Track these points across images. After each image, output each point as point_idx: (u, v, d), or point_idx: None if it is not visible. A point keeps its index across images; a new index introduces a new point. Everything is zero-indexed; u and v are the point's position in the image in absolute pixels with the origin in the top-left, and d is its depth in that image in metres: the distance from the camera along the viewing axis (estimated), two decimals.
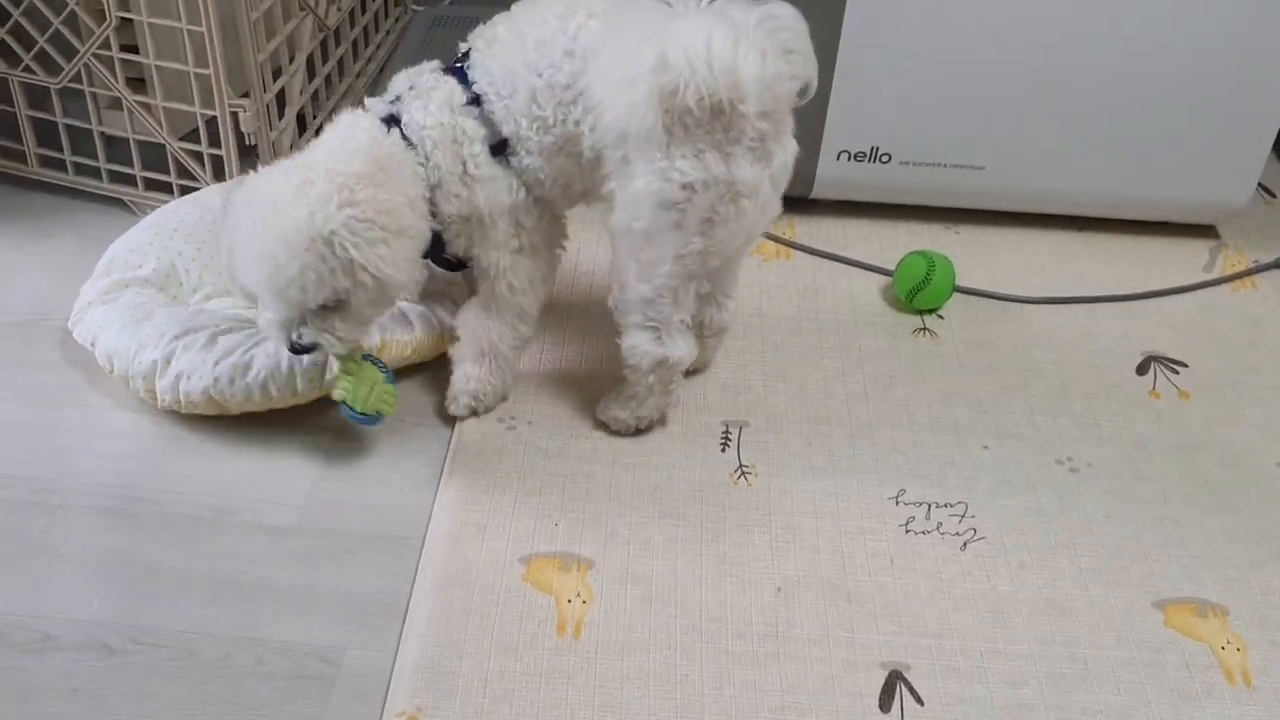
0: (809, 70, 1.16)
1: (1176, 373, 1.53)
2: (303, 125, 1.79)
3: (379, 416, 1.33)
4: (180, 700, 1.11)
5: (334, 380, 1.31)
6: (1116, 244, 1.76)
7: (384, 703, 1.11)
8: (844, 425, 1.42)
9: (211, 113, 1.59)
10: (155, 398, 1.36)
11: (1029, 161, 1.69)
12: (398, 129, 1.24)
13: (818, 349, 1.53)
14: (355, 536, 1.27)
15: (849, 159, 1.69)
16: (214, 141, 1.62)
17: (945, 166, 1.70)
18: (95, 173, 1.71)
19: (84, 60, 1.59)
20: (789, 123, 1.21)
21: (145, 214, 1.59)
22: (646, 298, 1.27)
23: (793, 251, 1.71)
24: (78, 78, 1.62)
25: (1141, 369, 1.53)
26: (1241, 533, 1.31)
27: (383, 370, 1.33)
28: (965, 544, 1.28)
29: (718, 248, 1.23)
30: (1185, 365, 1.54)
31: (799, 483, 1.34)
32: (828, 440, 1.40)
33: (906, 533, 1.29)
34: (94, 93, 1.64)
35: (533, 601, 1.19)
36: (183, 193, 1.64)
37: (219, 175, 1.65)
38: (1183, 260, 1.73)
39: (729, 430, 1.40)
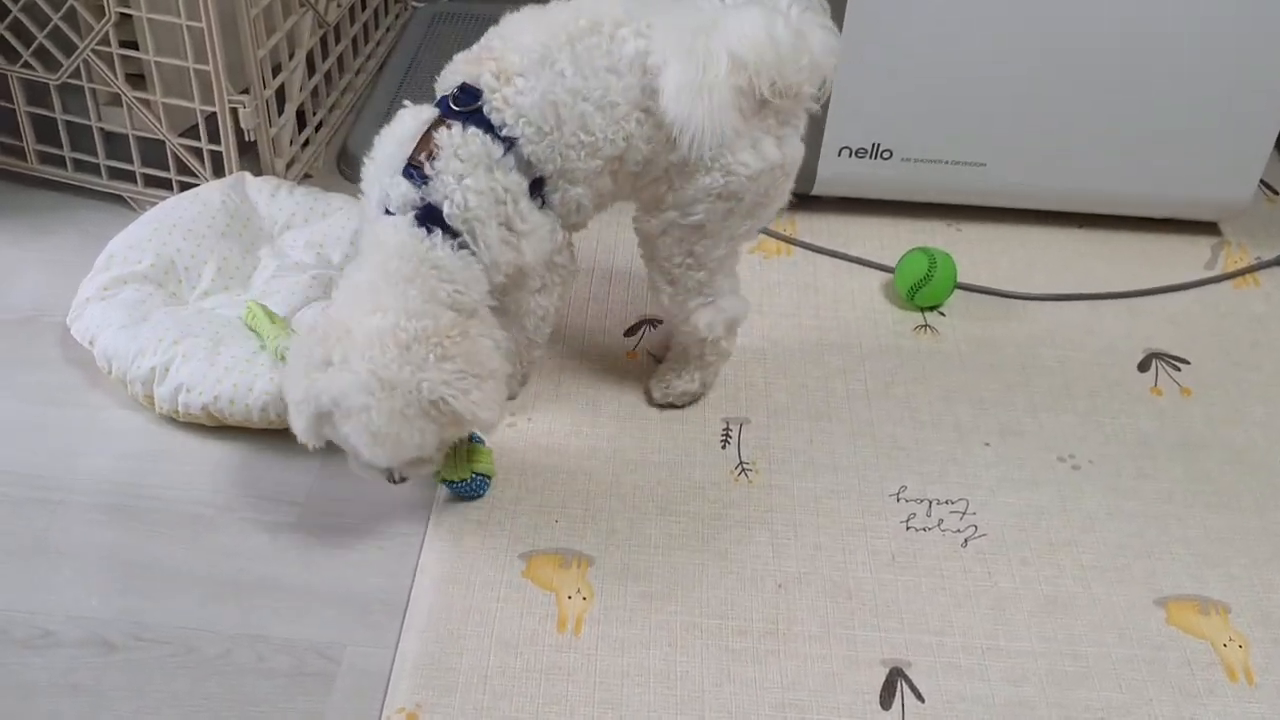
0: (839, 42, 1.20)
1: (1178, 370, 1.52)
2: (302, 121, 1.78)
3: (485, 479, 1.29)
4: (181, 697, 1.11)
5: None
6: (1118, 241, 1.75)
7: (384, 699, 1.11)
8: (845, 422, 1.42)
9: (211, 109, 1.59)
10: (153, 403, 1.36)
11: (1031, 158, 1.69)
12: (439, 230, 1.14)
13: (819, 346, 1.52)
14: (356, 533, 1.27)
15: (850, 155, 1.69)
16: (214, 138, 1.62)
17: (947, 163, 1.69)
18: (95, 169, 1.70)
19: (83, 56, 1.59)
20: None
21: (145, 210, 1.59)
22: (703, 280, 1.30)
23: (794, 248, 1.70)
24: (77, 74, 1.62)
25: (1143, 366, 1.53)
26: (1244, 530, 1.31)
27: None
28: (966, 541, 1.28)
29: (764, 221, 1.29)
30: (1187, 362, 1.54)
31: (800, 480, 1.34)
32: (829, 437, 1.39)
33: (907, 529, 1.29)
34: (93, 89, 1.63)
35: (533, 598, 1.19)
36: (182, 189, 1.64)
37: (218, 171, 1.65)
38: (1185, 257, 1.73)
39: (730, 427, 1.40)
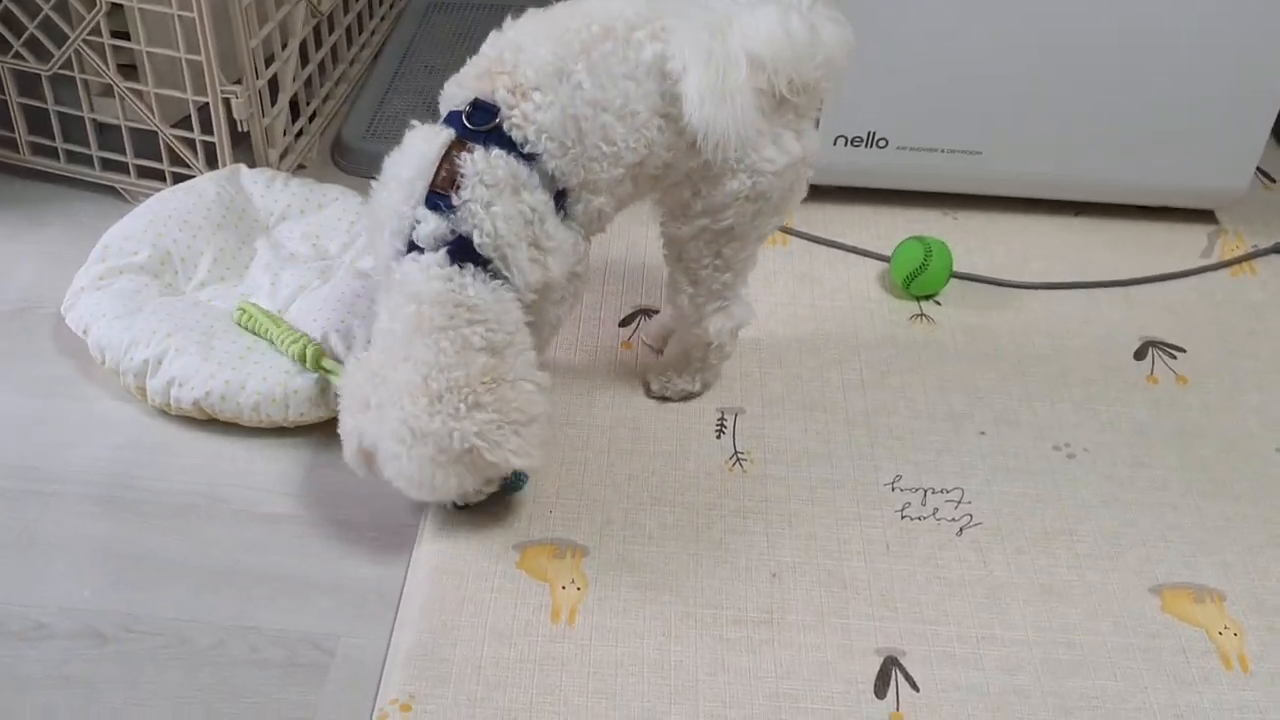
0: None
1: (1174, 358, 1.52)
2: (295, 112, 1.78)
3: (522, 477, 1.25)
4: (173, 688, 1.10)
5: None
6: (1114, 229, 1.75)
7: (378, 690, 1.10)
8: (840, 412, 1.41)
9: (204, 99, 1.58)
10: (145, 395, 1.36)
11: (1027, 146, 1.68)
12: (471, 264, 1.10)
13: (814, 336, 1.52)
14: (349, 524, 1.26)
15: (845, 144, 1.69)
16: (206, 128, 1.61)
17: (942, 151, 1.69)
18: (88, 160, 1.70)
19: (74, 46, 1.58)
20: None
21: (138, 202, 1.59)
22: (727, 283, 1.29)
23: (789, 238, 1.70)
24: (68, 64, 1.61)
25: (1139, 354, 1.53)
26: (1239, 518, 1.31)
27: None
28: (961, 530, 1.28)
29: (787, 216, 1.29)
30: (1183, 350, 1.53)
31: (795, 469, 1.33)
32: (824, 427, 1.39)
33: (902, 519, 1.28)
34: (85, 80, 1.63)
35: (527, 588, 1.19)
36: (175, 180, 1.64)
37: (211, 163, 1.64)
38: (1181, 245, 1.73)
39: (724, 417, 1.40)
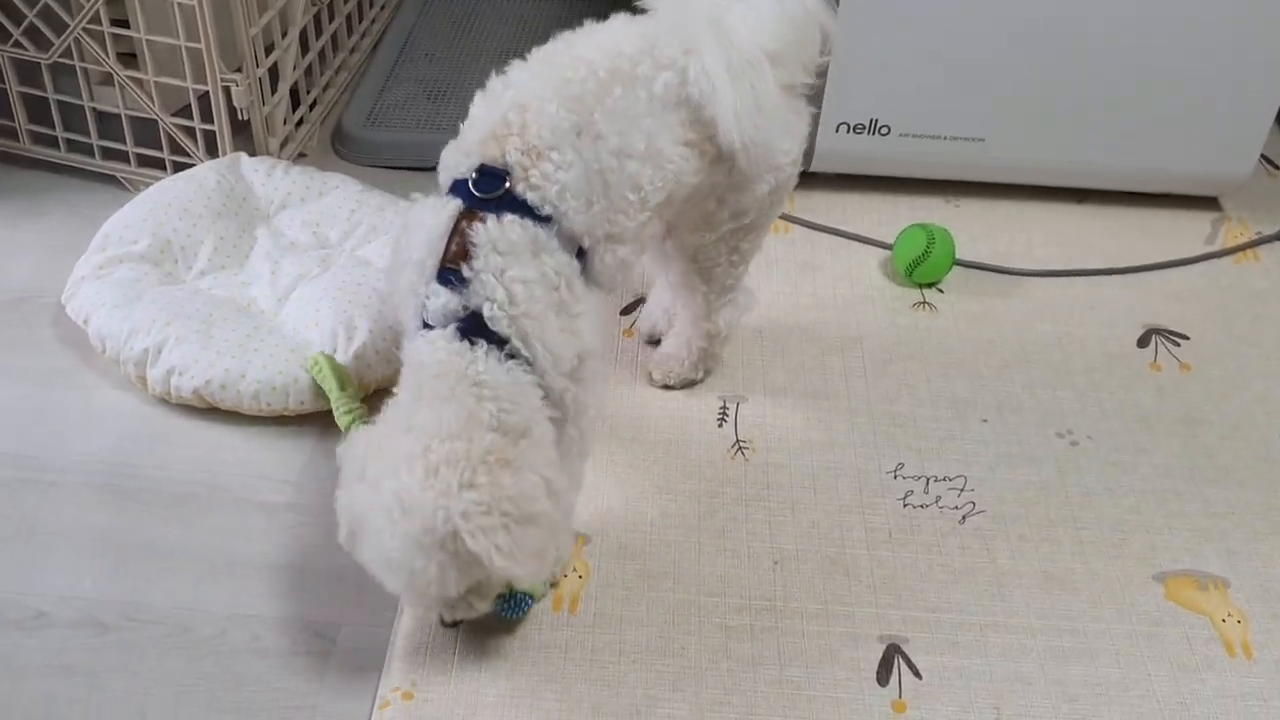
0: None
1: (1178, 345, 1.52)
2: (296, 100, 1.77)
3: (527, 598, 1.13)
4: (175, 677, 1.10)
5: None
6: (1118, 216, 1.74)
7: (379, 679, 1.10)
8: (842, 400, 1.41)
9: (204, 88, 1.58)
10: (146, 384, 1.36)
11: (1030, 134, 1.68)
12: (484, 341, 1.01)
13: (816, 324, 1.52)
14: None
15: (848, 131, 1.68)
16: (207, 117, 1.61)
17: (945, 139, 1.68)
18: (88, 149, 1.69)
19: (74, 35, 1.58)
20: None
21: (138, 191, 1.58)
22: (739, 275, 1.29)
23: (791, 225, 1.69)
24: (68, 53, 1.60)
25: (1143, 342, 1.52)
26: (1243, 505, 1.30)
27: None
28: (964, 517, 1.27)
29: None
30: (1187, 338, 1.53)
31: (796, 457, 1.33)
32: (826, 415, 1.39)
33: (905, 507, 1.28)
34: (85, 68, 1.62)
35: None
36: (176, 169, 1.63)
37: (212, 151, 1.64)
38: (1185, 232, 1.72)
39: (726, 405, 1.39)
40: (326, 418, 1.36)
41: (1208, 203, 1.77)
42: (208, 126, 1.62)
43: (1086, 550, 1.24)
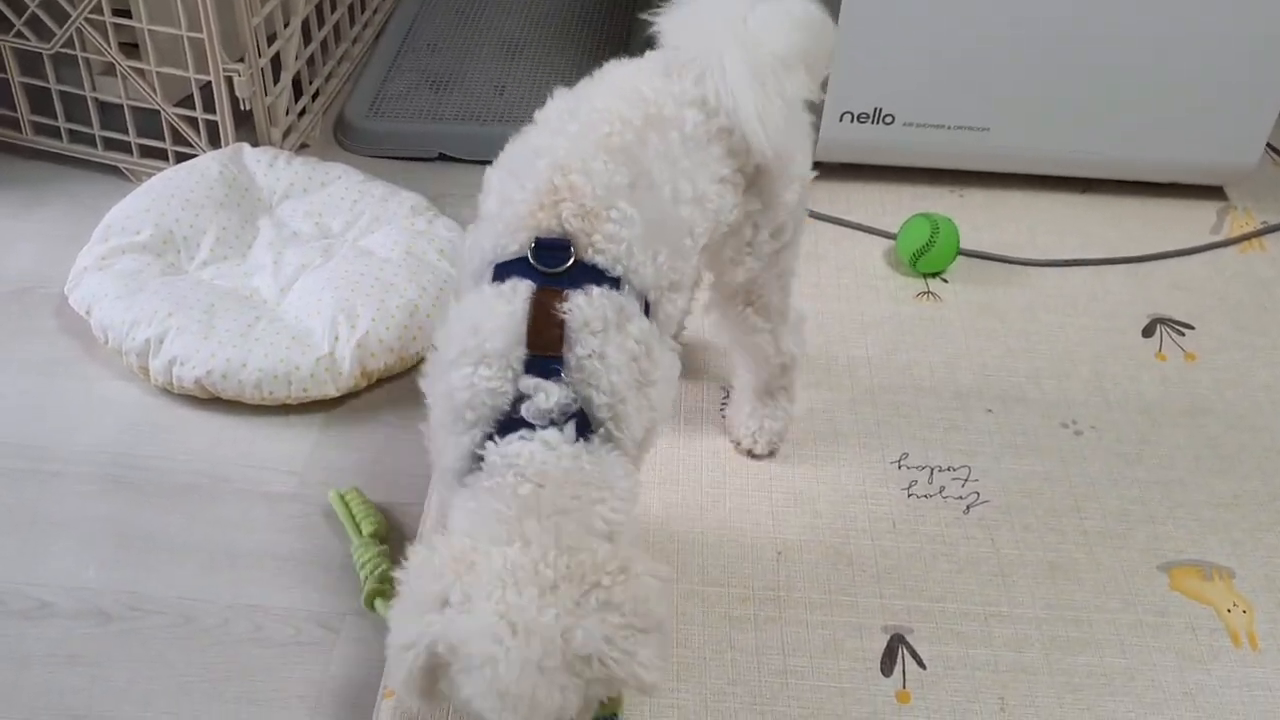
0: None
1: (1183, 335, 1.51)
2: (298, 91, 1.77)
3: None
4: (178, 667, 1.10)
5: None
6: (1123, 206, 1.74)
7: (383, 668, 1.10)
8: (846, 390, 1.41)
9: (206, 78, 1.57)
10: (148, 375, 1.36)
11: (1034, 123, 1.67)
12: (596, 437, 0.91)
13: (820, 314, 1.51)
14: None
15: (852, 120, 1.67)
16: (209, 107, 1.61)
17: (949, 128, 1.68)
18: (90, 140, 1.69)
19: (76, 25, 1.58)
20: None
21: (141, 181, 1.58)
22: (789, 296, 1.23)
23: None
24: (70, 43, 1.60)
25: (1147, 332, 1.52)
26: (1248, 495, 1.30)
27: None
28: (969, 508, 1.27)
29: None
30: (1192, 327, 1.52)
31: (800, 447, 1.33)
32: (829, 405, 1.38)
33: (909, 496, 1.28)
34: (87, 58, 1.62)
35: None
36: (178, 159, 1.63)
37: (214, 141, 1.63)
38: (1190, 222, 1.71)
39: (729, 395, 1.39)
40: (330, 407, 1.36)
41: (1213, 192, 1.77)
42: (210, 117, 1.61)
43: (1091, 540, 1.24)
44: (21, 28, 1.61)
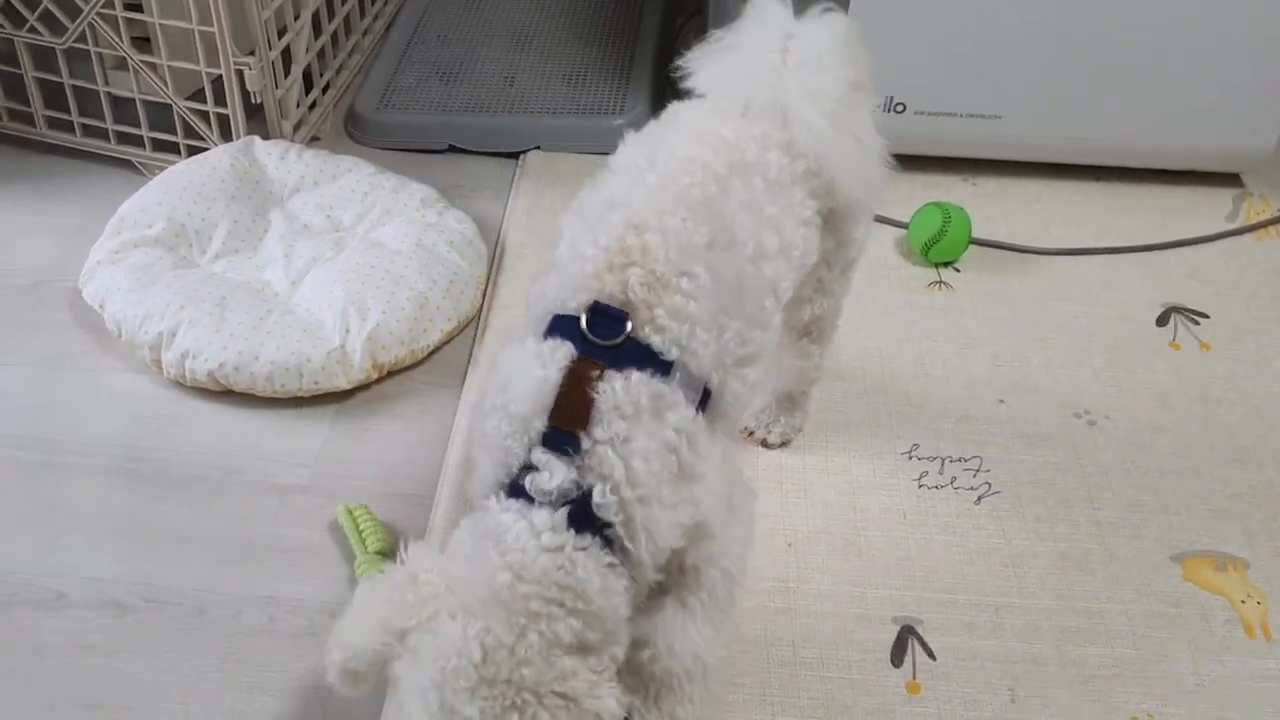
0: None
1: (1197, 324, 1.50)
2: (309, 83, 1.77)
3: None
4: (191, 657, 1.11)
5: None
6: (1137, 194, 1.73)
7: None
8: (857, 380, 1.40)
9: (217, 71, 1.58)
10: (161, 368, 1.36)
11: (1047, 111, 1.66)
12: (589, 531, 0.84)
13: None
14: (366, 495, 1.26)
15: None
16: (220, 100, 1.61)
17: (961, 116, 1.67)
18: (103, 134, 1.70)
19: (88, 20, 1.58)
20: None
21: (153, 175, 1.59)
22: (839, 318, 1.22)
23: None
24: (83, 38, 1.61)
25: (1161, 321, 1.51)
26: (1263, 485, 1.29)
27: None
28: (980, 498, 1.27)
29: None
30: (1207, 316, 1.51)
31: (810, 438, 1.32)
32: (840, 395, 1.38)
33: (920, 487, 1.27)
34: (99, 53, 1.62)
35: None
36: (190, 153, 1.64)
37: (226, 135, 1.64)
38: (1205, 210, 1.70)
39: None
40: (342, 399, 1.37)
41: (1229, 179, 1.76)
42: (221, 110, 1.62)
43: (1103, 531, 1.24)
44: (34, 23, 1.61)
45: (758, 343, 0.95)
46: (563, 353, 0.87)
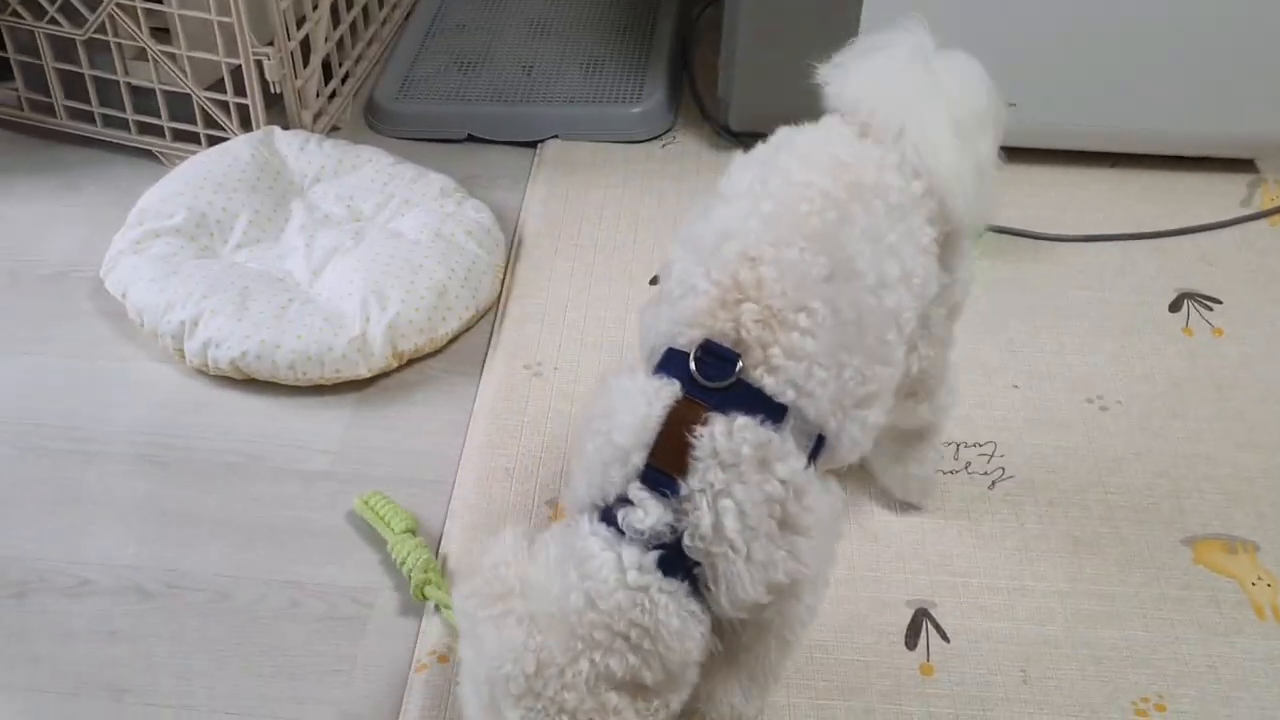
0: None
1: (1210, 310, 1.51)
2: (328, 73, 1.78)
3: None
4: (215, 642, 1.13)
5: None
6: (1151, 180, 1.73)
7: (416, 642, 1.12)
8: None
9: (236, 61, 1.59)
10: (183, 356, 1.38)
11: (1062, 97, 1.66)
12: (678, 581, 0.83)
13: None
14: (386, 481, 1.28)
15: None
16: (239, 90, 1.63)
17: None
18: (123, 124, 1.72)
19: (108, 10, 1.60)
20: None
21: (174, 165, 1.60)
22: (949, 369, 1.15)
23: None
24: (102, 28, 1.62)
25: (1175, 306, 1.51)
26: (1275, 469, 1.30)
27: None
28: (994, 483, 1.28)
29: None
30: (1220, 302, 1.52)
31: None
32: None
33: (934, 472, 1.28)
34: (119, 43, 1.64)
35: None
36: (210, 143, 1.65)
37: (245, 125, 1.65)
38: (1220, 195, 1.70)
39: None
40: (362, 387, 1.38)
41: (1243, 165, 1.75)
42: (241, 100, 1.63)
43: (1115, 515, 1.24)
44: (54, 14, 1.63)
45: (879, 380, 0.90)
46: (668, 392, 0.85)
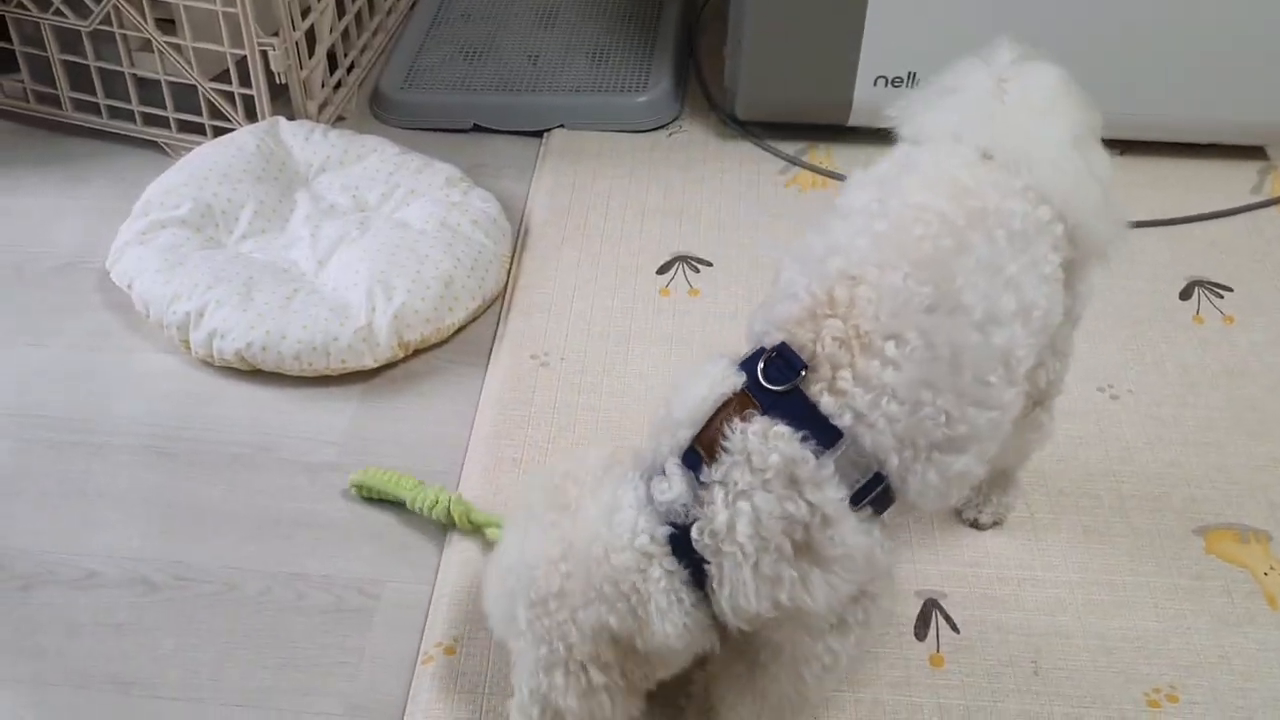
0: None
1: (1221, 297, 1.50)
2: (333, 64, 1.78)
3: None
4: (222, 634, 1.13)
5: None
6: (1161, 168, 1.72)
7: (422, 634, 1.12)
8: None
9: (241, 52, 1.59)
10: (189, 347, 1.38)
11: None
12: (681, 565, 0.85)
13: None
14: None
15: (886, 85, 1.66)
16: (245, 81, 1.62)
17: None
18: (129, 116, 1.71)
19: (113, 2, 1.59)
20: None
21: (180, 156, 1.60)
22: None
23: (828, 181, 1.68)
24: (107, 20, 1.62)
25: (1185, 294, 1.50)
26: None
27: None
28: None
29: None
30: (1230, 289, 1.51)
31: None
32: None
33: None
34: (124, 35, 1.63)
35: None
36: (216, 134, 1.65)
37: (251, 116, 1.65)
38: (1230, 183, 1.69)
39: None
40: (368, 378, 1.38)
41: (1254, 152, 1.74)
42: (246, 91, 1.63)
43: (1126, 504, 1.24)
44: (60, 5, 1.62)
45: (973, 424, 0.85)
46: (732, 383, 0.85)
